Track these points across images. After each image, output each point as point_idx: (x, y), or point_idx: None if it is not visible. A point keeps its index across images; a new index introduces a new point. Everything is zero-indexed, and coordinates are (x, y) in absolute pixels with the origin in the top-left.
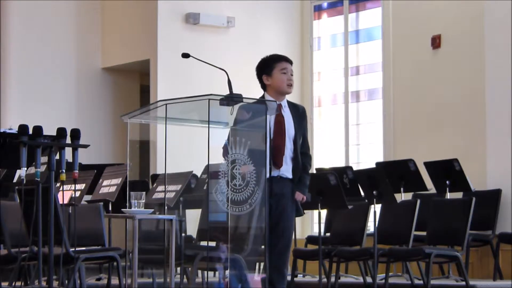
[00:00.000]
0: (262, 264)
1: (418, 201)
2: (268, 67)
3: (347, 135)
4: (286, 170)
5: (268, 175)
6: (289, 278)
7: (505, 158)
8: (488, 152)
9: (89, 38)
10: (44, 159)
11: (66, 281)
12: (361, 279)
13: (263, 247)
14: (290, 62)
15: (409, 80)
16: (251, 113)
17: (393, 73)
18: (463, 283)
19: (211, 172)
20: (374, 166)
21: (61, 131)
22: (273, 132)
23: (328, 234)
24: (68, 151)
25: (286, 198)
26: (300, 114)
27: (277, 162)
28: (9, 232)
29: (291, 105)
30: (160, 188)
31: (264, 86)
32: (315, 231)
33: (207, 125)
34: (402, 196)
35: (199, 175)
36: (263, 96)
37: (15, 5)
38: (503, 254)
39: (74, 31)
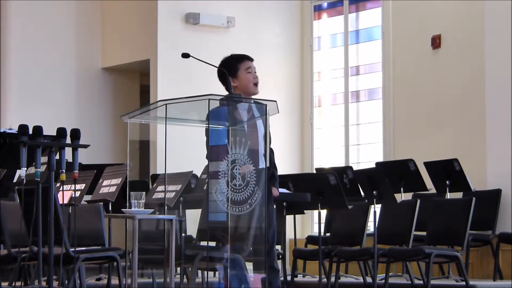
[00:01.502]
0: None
1: (418, 201)
2: (232, 68)
3: (347, 135)
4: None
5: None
6: (289, 278)
7: (505, 158)
8: (488, 152)
9: (89, 38)
10: (44, 159)
11: (66, 281)
12: (361, 279)
13: (251, 248)
14: (252, 60)
15: (409, 80)
16: (251, 113)
17: (393, 73)
18: (463, 283)
19: (211, 172)
20: (374, 166)
21: (61, 131)
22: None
23: (328, 234)
24: (68, 151)
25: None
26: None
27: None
28: (9, 232)
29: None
30: (160, 188)
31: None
32: (315, 231)
33: (207, 125)
34: (402, 196)
35: (199, 175)
36: None
37: (15, 5)
38: (503, 254)
39: (74, 31)
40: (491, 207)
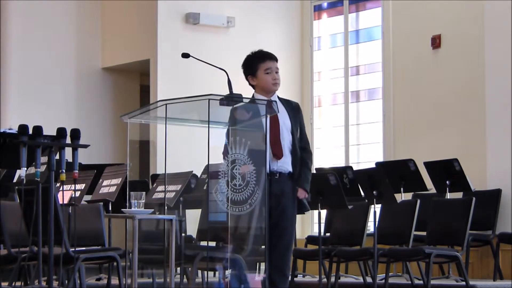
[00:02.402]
0: (262, 264)
1: (418, 201)
2: (252, 68)
3: (347, 135)
4: (286, 162)
5: (268, 170)
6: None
7: (505, 158)
8: (488, 152)
9: (89, 38)
10: (44, 159)
11: (66, 281)
12: (361, 279)
13: (263, 247)
14: (275, 59)
15: (409, 80)
16: (251, 113)
17: (393, 73)
18: (463, 283)
19: (211, 172)
20: (374, 166)
21: (61, 131)
22: (268, 125)
23: (328, 234)
24: (68, 151)
25: (286, 197)
26: (293, 108)
27: (276, 153)
28: (9, 232)
29: (284, 100)
30: (160, 188)
31: (251, 85)
32: (315, 231)
33: (207, 125)
34: (402, 196)
35: (199, 175)
36: (253, 95)
37: (15, 5)
38: (503, 254)
39: (74, 31)
40: (491, 207)
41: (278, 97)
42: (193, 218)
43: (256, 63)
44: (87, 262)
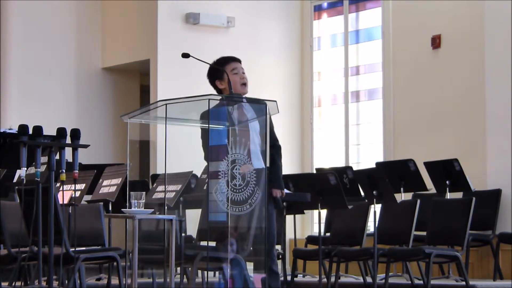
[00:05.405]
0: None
1: (418, 201)
2: (218, 71)
3: (347, 135)
4: (259, 165)
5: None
6: (289, 278)
7: (505, 158)
8: (488, 152)
9: (89, 38)
10: (44, 159)
11: (66, 281)
12: (361, 279)
13: (251, 248)
14: (238, 61)
15: (409, 80)
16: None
17: (393, 73)
18: (463, 283)
19: (211, 172)
20: (374, 166)
21: (61, 131)
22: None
23: (328, 234)
24: (68, 151)
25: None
26: (261, 108)
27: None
28: (9, 232)
29: (251, 100)
30: (160, 188)
31: (219, 91)
32: (315, 231)
33: (207, 125)
34: (402, 196)
35: (199, 175)
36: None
37: (15, 5)
38: (503, 254)
39: (74, 31)
40: (491, 207)
41: (246, 98)
42: (193, 218)
43: (222, 66)
44: (87, 262)
